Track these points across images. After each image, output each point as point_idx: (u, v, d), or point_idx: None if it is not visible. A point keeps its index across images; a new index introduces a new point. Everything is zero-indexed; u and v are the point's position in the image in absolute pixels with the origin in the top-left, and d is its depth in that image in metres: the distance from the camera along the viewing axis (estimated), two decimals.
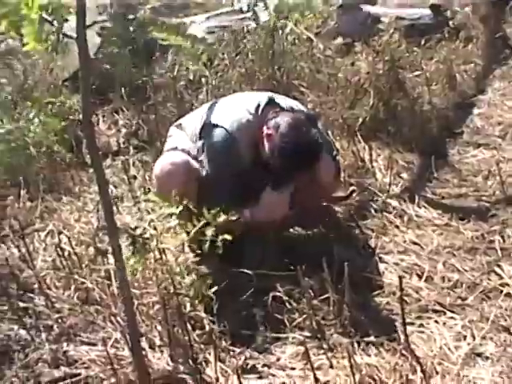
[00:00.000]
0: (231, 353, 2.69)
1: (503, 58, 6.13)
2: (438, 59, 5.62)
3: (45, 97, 4.80)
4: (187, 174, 3.11)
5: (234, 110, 3.29)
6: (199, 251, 2.79)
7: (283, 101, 3.35)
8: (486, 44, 6.21)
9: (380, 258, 3.29)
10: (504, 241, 3.37)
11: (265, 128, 3.14)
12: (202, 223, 2.24)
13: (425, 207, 3.76)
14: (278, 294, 2.85)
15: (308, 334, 2.72)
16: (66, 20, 1.98)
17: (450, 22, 6.51)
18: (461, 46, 6.11)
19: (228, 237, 2.19)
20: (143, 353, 2.47)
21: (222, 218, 2.25)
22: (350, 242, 3.43)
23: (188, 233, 2.49)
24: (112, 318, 2.85)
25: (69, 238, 3.28)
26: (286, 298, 2.84)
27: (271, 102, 3.26)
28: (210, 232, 2.22)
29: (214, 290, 2.68)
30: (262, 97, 3.32)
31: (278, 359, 2.67)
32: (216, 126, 3.21)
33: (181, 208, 2.21)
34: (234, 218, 2.38)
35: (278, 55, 5.11)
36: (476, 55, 6.02)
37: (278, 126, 3.10)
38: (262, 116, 3.19)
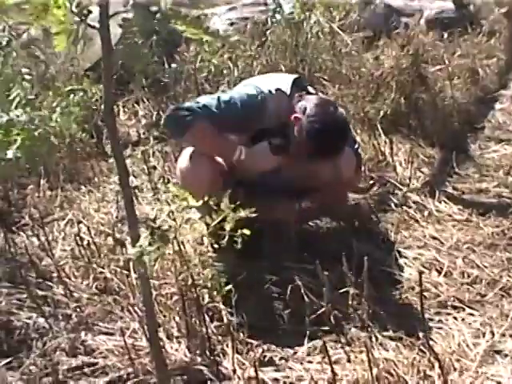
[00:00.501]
0: (249, 345, 2.68)
1: None
2: (461, 53, 5.60)
3: (66, 86, 4.81)
4: (213, 175, 3.09)
5: (264, 80, 3.29)
6: (218, 244, 2.78)
7: (308, 85, 3.34)
8: (509, 38, 6.17)
9: (399, 252, 3.27)
10: None
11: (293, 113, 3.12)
12: (220, 217, 2.23)
13: (445, 202, 3.75)
14: (296, 287, 2.84)
15: (326, 328, 2.71)
16: (90, 12, 1.98)
17: (474, 17, 6.48)
18: (484, 41, 6.09)
19: (246, 231, 2.18)
20: (161, 343, 2.47)
21: (242, 212, 2.23)
22: (369, 236, 3.42)
23: (207, 225, 2.50)
24: (130, 308, 2.86)
25: (88, 227, 3.29)
26: (305, 291, 2.82)
27: (297, 82, 3.24)
28: (228, 226, 2.21)
29: (232, 282, 2.68)
30: (288, 76, 3.31)
31: (296, 352, 2.67)
32: (246, 85, 3.24)
33: (200, 203, 2.20)
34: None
35: (301, 47, 5.10)
36: (499, 50, 5.98)
37: (304, 108, 3.07)
38: (290, 94, 3.16)
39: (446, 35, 5.90)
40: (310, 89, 3.31)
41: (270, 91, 3.15)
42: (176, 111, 3.09)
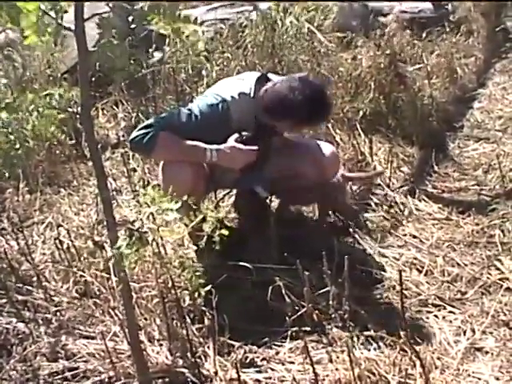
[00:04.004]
0: (230, 347, 2.68)
1: (504, 51, 6.15)
2: (439, 53, 5.62)
3: (44, 89, 4.78)
4: (195, 177, 3.08)
5: (227, 85, 3.27)
6: (197, 245, 2.77)
7: (275, 76, 3.32)
8: (486, 38, 6.23)
9: (380, 251, 3.28)
10: (504, 235, 3.37)
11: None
12: (199, 218, 2.22)
13: (425, 201, 3.77)
14: (277, 287, 2.83)
15: (307, 328, 2.71)
16: (66, 11, 1.97)
17: (451, 16, 6.51)
18: (462, 40, 6.13)
19: (225, 232, 2.17)
20: (142, 346, 2.46)
21: (222, 212, 2.23)
22: (350, 236, 3.42)
23: (187, 226, 2.49)
24: (111, 311, 2.85)
25: (68, 230, 3.27)
26: (286, 292, 2.81)
27: (260, 79, 3.21)
28: (207, 227, 2.21)
29: (213, 283, 2.67)
30: (251, 76, 3.27)
31: (277, 353, 2.67)
32: (207, 95, 3.22)
33: (179, 204, 2.19)
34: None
35: (279, 48, 5.10)
36: (477, 49, 6.04)
37: (274, 84, 3.11)
38: (254, 94, 3.15)
39: (424, 34, 5.92)
40: (275, 79, 3.28)
41: (232, 97, 3.13)
42: (137, 132, 3.04)
